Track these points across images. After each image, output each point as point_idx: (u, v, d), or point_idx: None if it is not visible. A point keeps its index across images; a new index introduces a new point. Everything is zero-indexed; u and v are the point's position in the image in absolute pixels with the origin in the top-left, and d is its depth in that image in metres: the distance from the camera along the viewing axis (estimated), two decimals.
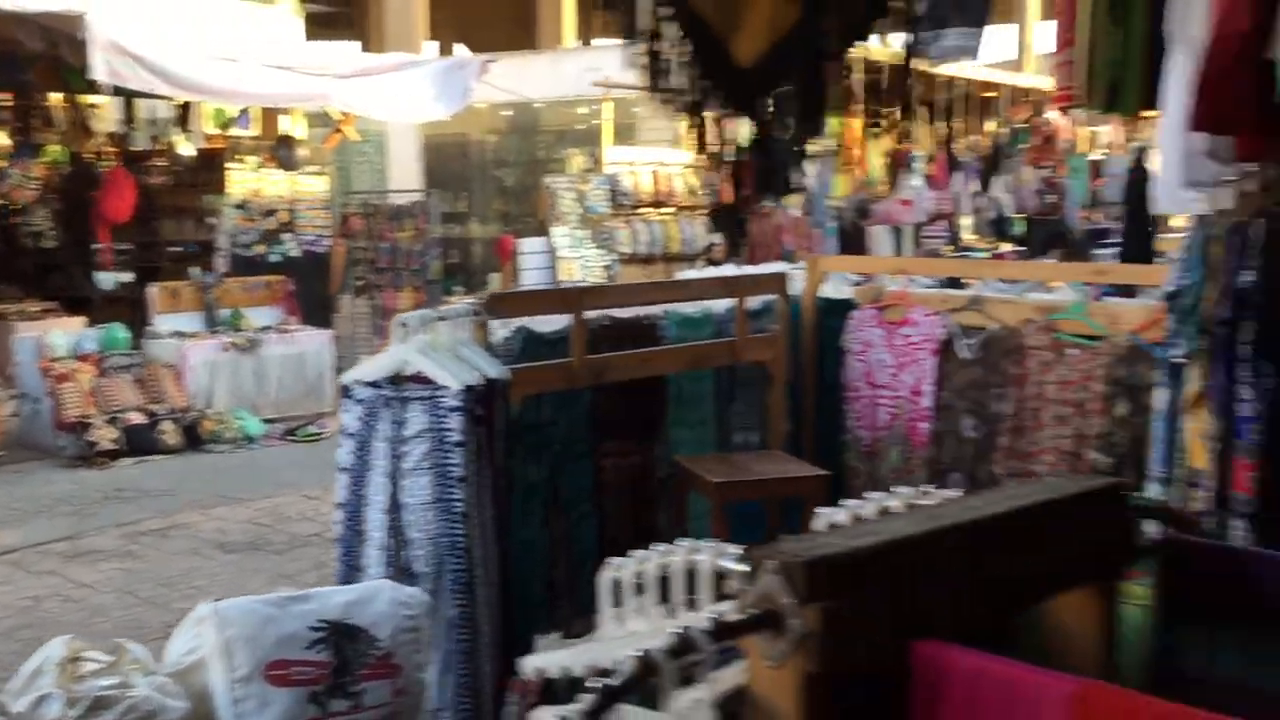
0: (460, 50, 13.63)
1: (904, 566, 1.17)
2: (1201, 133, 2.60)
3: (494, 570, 3.49)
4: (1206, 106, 2.54)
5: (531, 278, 9.60)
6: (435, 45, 13.27)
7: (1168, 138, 2.83)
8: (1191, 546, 1.43)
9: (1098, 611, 1.39)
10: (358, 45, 13.41)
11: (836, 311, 4.72)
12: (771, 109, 3.39)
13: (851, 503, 1.74)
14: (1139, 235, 7.43)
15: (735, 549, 1.27)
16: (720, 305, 4.43)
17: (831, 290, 4.86)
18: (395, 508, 3.34)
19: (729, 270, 5.38)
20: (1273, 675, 1.34)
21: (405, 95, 9.29)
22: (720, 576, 1.69)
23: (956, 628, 1.21)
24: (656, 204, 11.47)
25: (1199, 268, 2.78)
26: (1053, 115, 12.17)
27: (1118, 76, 3.01)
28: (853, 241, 11.70)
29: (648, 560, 1.92)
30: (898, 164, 12.28)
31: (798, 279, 4.78)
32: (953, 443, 4.44)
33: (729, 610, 1.16)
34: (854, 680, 1.23)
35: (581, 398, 3.95)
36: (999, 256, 11.28)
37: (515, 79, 11.74)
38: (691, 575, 1.79)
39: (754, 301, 4.49)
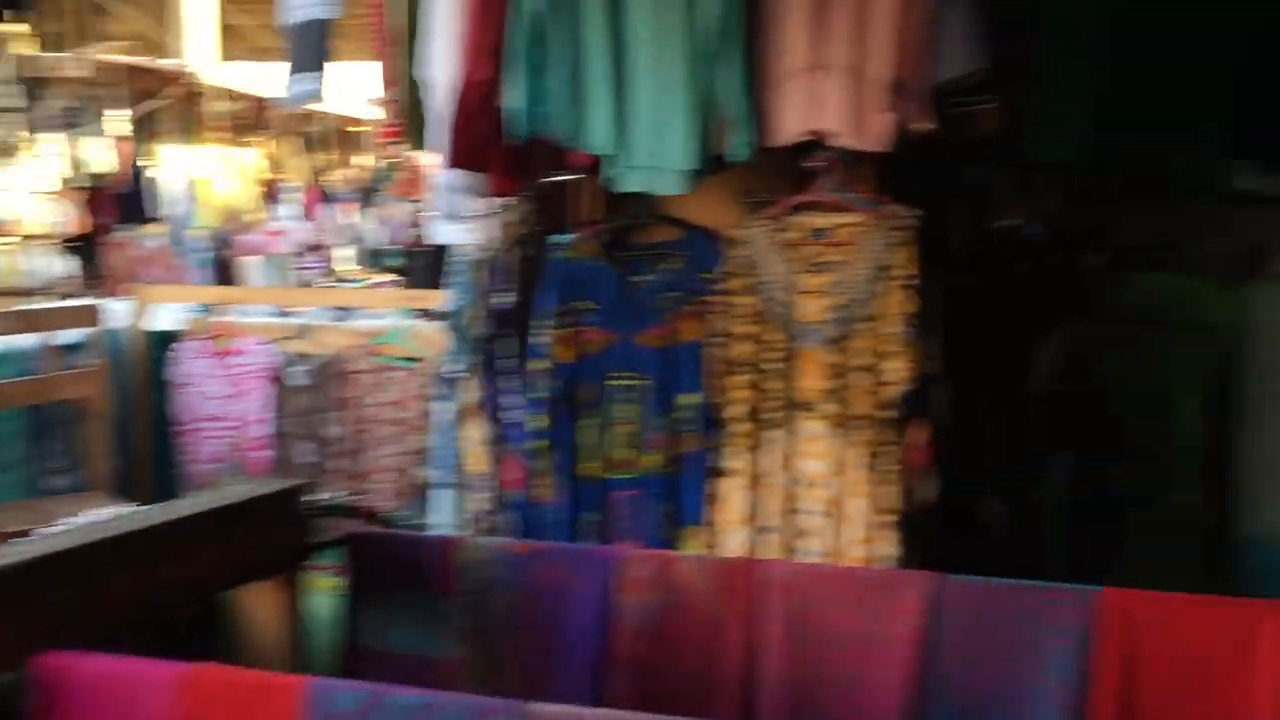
0: None
1: (37, 582, 1.18)
2: (458, 169, 2.90)
3: None
4: (458, 146, 2.82)
5: None
6: None
7: (438, 175, 3.12)
8: (374, 537, 1.59)
9: (283, 603, 1.50)
10: None
11: (171, 343, 4.58)
12: None
13: (44, 530, 1.71)
14: (436, 263, 7.98)
15: None
16: (29, 341, 4.10)
17: (166, 322, 4.71)
18: None
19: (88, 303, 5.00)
20: (436, 644, 1.54)
21: None
22: None
23: (116, 632, 1.25)
24: None
25: (469, 290, 3.09)
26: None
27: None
28: (228, 273, 11.39)
29: None
30: (269, 195, 12.16)
31: (141, 312, 4.58)
32: (291, 469, 4.50)
33: None
34: None
35: None
36: (375, 286, 11.58)
37: None
38: None
39: (72, 335, 4.22)
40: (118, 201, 10.64)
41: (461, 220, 3.06)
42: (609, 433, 2.77)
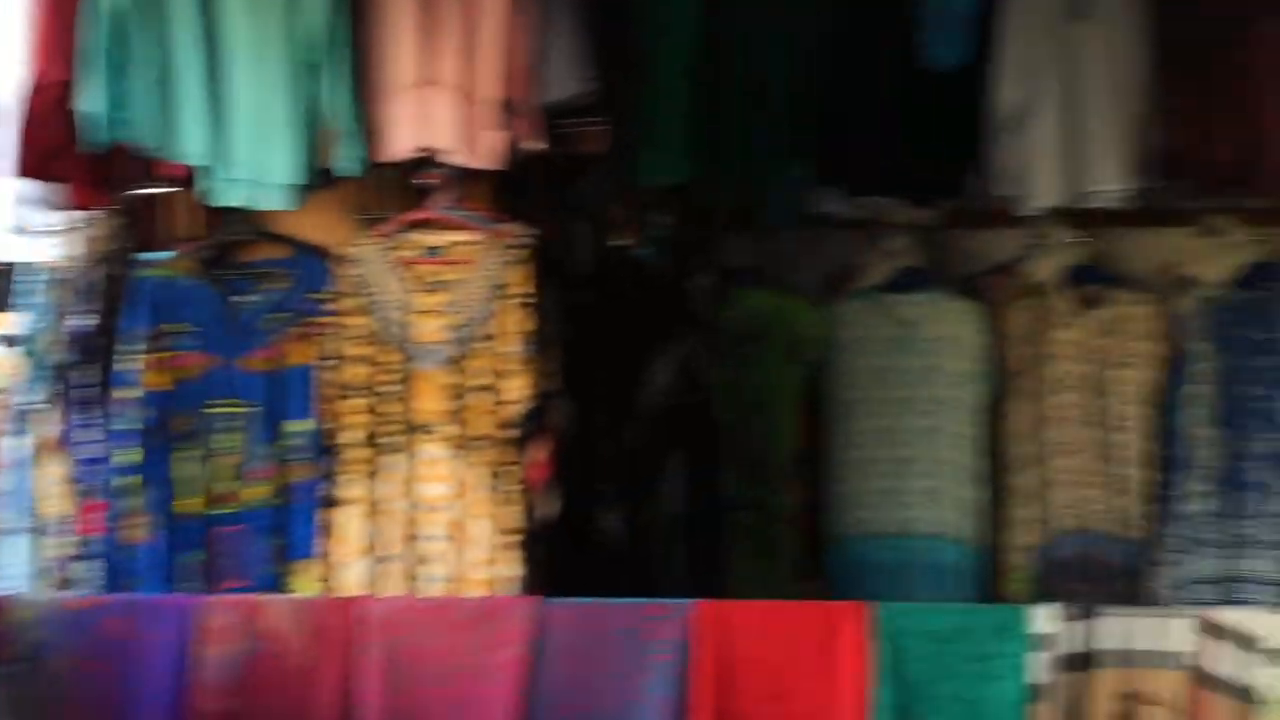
0: None
1: None
2: (28, 179, 2.61)
3: None
4: (27, 154, 2.56)
5: None
6: None
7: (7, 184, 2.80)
8: None
9: None
10: None
11: None
12: None
13: None
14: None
15: None
16: None
17: None
18: None
19: None
20: None
21: None
22: None
23: None
24: None
25: (45, 313, 2.79)
26: None
27: None
28: None
29: None
30: None
31: None
32: None
33: None
34: None
35: None
36: None
37: None
38: None
39: None
40: None
41: (34, 235, 2.76)
42: (210, 464, 2.60)
